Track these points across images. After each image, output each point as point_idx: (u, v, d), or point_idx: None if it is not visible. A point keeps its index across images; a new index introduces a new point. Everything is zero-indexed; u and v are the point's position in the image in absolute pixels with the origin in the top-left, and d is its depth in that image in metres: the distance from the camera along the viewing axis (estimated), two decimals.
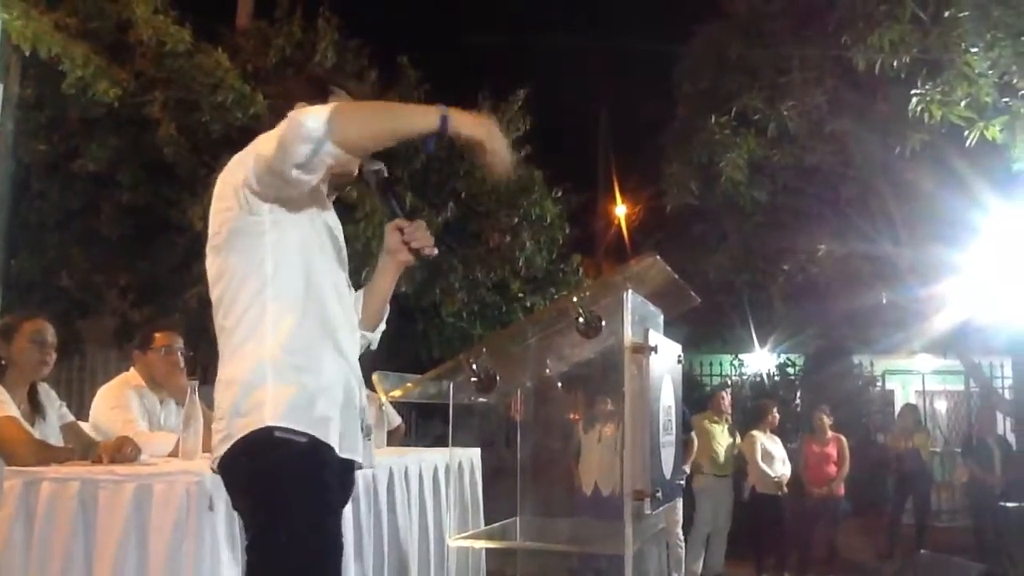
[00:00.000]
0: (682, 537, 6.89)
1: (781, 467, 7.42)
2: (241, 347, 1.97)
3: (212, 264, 2.06)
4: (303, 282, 2.01)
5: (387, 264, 2.29)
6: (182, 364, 3.71)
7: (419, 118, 1.87)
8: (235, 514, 2.39)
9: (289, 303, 1.98)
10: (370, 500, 3.11)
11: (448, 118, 1.84)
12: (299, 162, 1.78)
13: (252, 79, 7.29)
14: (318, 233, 2.09)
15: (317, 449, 1.91)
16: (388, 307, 2.38)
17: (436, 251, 2.16)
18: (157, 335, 3.69)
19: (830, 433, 7.76)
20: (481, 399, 2.09)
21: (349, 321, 2.14)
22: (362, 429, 2.09)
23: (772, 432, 7.60)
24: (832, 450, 7.67)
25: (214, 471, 2.03)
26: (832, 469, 7.62)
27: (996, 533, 7.57)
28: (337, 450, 1.96)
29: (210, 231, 2.06)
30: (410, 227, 2.13)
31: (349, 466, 2.08)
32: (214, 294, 2.06)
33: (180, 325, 4.35)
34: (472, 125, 1.87)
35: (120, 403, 3.51)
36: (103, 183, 7.47)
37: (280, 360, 1.93)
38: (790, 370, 11.95)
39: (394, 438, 4.58)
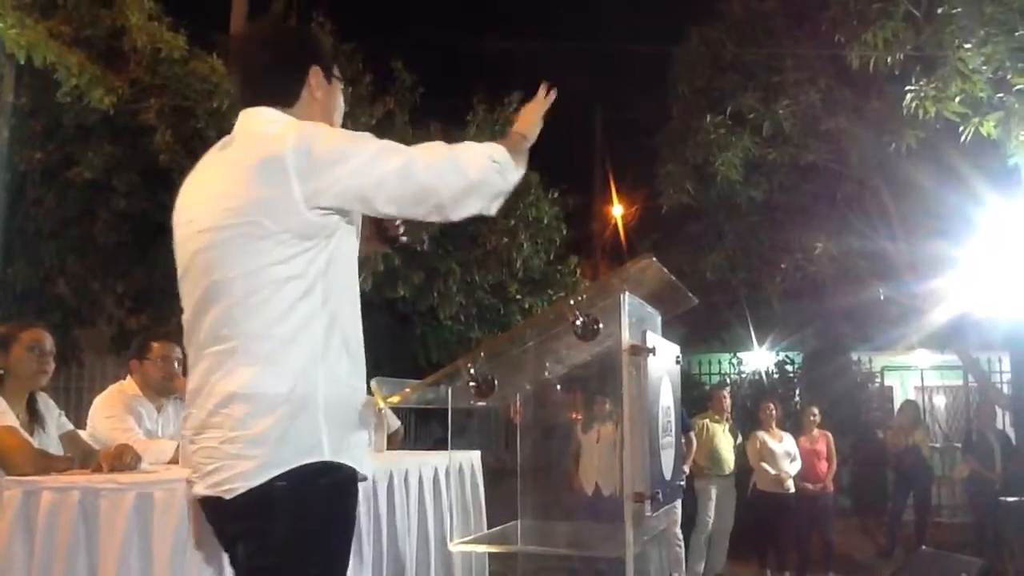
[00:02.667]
0: (680, 536, 6.87)
1: (787, 464, 7.34)
2: (279, 359, 1.79)
3: (230, 248, 1.89)
4: (350, 293, 1.91)
5: None
6: (180, 374, 3.70)
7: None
8: None
9: (340, 319, 1.85)
10: (370, 504, 3.10)
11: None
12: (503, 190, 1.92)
13: None
14: (355, 245, 1.98)
15: (353, 478, 1.86)
16: None
17: (406, 237, 2.21)
18: (155, 344, 3.69)
19: (816, 431, 7.76)
20: (480, 403, 2.08)
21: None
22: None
23: (778, 428, 7.57)
24: (821, 447, 7.67)
25: (209, 496, 1.81)
26: (823, 466, 7.61)
27: (996, 528, 7.57)
28: (362, 472, 1.90)
29: (233, 215, 1.89)
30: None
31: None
32: (226, 285, 1.90)
33: (177, 333, 4.34)
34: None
35: (117, 412, 3.52)
36: (99, 190, 7.46)
37: (332, 388, 1.81)
38: (788, 368, 11.94)
39: (393, 442, 4.57)
